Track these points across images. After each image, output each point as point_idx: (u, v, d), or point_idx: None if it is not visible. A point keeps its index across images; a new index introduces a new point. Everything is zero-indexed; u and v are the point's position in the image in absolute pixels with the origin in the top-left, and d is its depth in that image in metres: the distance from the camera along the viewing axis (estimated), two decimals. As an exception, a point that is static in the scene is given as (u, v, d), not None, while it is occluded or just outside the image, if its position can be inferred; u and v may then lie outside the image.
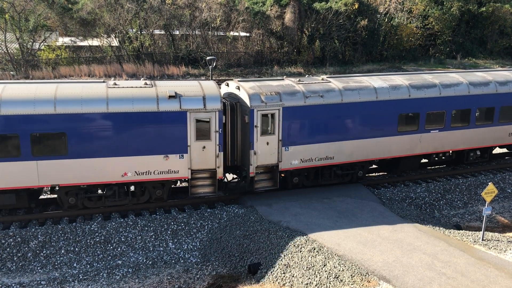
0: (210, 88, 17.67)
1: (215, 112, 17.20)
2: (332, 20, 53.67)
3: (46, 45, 47.76)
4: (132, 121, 16.39)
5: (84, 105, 15.99)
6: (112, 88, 16.76)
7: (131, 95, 16.57)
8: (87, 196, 17.17)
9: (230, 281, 15.16)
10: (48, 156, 15.87)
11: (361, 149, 19.75)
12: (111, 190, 17.21)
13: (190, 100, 17.04)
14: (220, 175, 17.89)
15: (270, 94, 18.04)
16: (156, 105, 16.61)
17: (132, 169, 16.76)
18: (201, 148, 17.30)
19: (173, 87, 17.40)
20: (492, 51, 66.21)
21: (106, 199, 17.38)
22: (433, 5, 61.45)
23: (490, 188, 15.99)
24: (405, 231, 15.79)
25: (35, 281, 14.85)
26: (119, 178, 16.75)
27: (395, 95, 19.99)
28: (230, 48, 54.94)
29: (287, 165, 18.67)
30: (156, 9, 49.65)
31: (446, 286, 12.34)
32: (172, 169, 17.16)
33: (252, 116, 17.70)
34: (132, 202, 17.72)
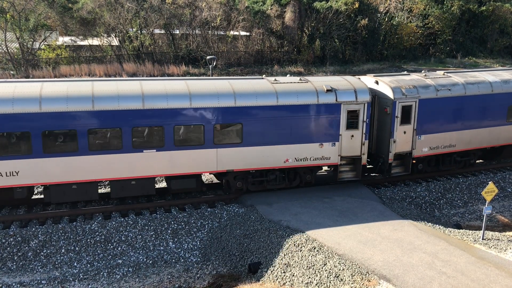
0: (358, 83, 19.74)
1: (364, 104, 19.13)
2: (332, 19, 53.62)
3: (46, 45, 47.72)
4: (296, 112, 18.42)
5: (258, 98, 17.99)
6: (275, 83, 18.81)
7: (295, 89, 18.60)
8: (253, 180, 18.99)
9: (230, 280, 15.16)
10: (226, 144, 17.92)
11: (476, 137, 21.88)
12: (273, 175, 19.11)
13: (344, 93, 18.97)
14: (364, 161, 19.87)
15: (409, 87, 20.03)
16: (316, 98, 18.59)
17: (293, 156, 18.76)
18: (349, 137, 19.27)
19: (325, 82, 19.48)
20: (493, 50, 66.15)
21: (268, 183, 19.28)
22: (433, 4, 61.38)
23: (490, 187, 15.99)
24: (405, 230, 15.79)
25: (36, 281, 14.86)
26: (282, 164, 18.79)
27: (506, 89, 22.12)
28: (230, 47, 54.89)
29: (419, 152, 20.72)
30: (156, 9, 49.62)
31: (447, 285, 12.34)
32: (325, 155, 19.18)
33: (394, 107, 19.60)
34: (287, 186, 19.60)
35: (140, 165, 17.06)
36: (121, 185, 17.32)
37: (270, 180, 19.15)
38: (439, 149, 21.13)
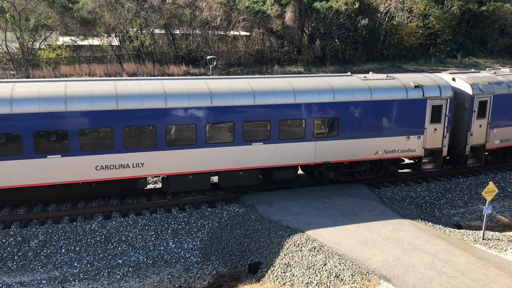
0: (441, 79, 20.95)
1: (447, 99, 20.40)
2: (333, 19, 53.64)
3: (47, 45, 47.76)
4: (387, 107, 19.60)
5: (354, 94, 19.17)
6: (367, 80, 19.91)
7: (386, 86, 19.77)
8: (345, 172, 20.20)
9: (230, 280, 15.16)
10: (324, 137, 19.17)
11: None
12: (364, 166, 20.30)
13: (430, 89, 20.23)
14: (445, 153, 21.11)
15: (485, 84, 21.47)
16: (405, 94, 19.79)
17: (382, 148, 20.00)
18: (433, 130, 20.55)
19: (409, 78, 20.72)
20: (493, 50, 66.17)
21: (358, 174, 20.49)
22: (434, 4, 61.40)
23: (491, 187, 15.98)
24: (406, 230, 15.79)
25: (36, 280, 14.86)
26: (372, 156, 20.02)
27: None
28: (230, 47, 54.92)
29: (491, 144, 22.37)
30: (157, 9, 49.64)
31: (447, 285, 12.34)
32: (410, 148, 20.42)
33: (472, 102, 21.04)
34: (373, 177, 20.93)
35: (248, 157, 18.35)
36: (230, 175, 18.54)
37: (360, 171, 20.43)
38: (508, 141, 23.00)
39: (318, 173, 20.07)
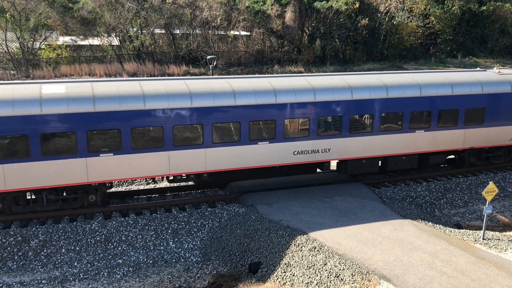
0: None
1: None
2: (333, 19, 53.64)
3: (47, 44, 47.77)
4: None
5: (498, 87, 21.59)
6: (503, 75, 22.24)
7: None
8: (485, 156, 22.69)
9: (230, 280, 15.16)
10: (471, 126, 21.36)
11: None
12: (500, 151, 22.77)
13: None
14: None
15: None
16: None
17: None
18: None
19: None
20: (493, 50, 66.14)
21: (494, 158, 22.97)
22: (434, 4, 61.38)
23: (491, 187, 15.98)
24: (406, 230, 15.78)
25: (36, 280, 14.86)
26: (507, 142, 22.45)
27: None
28: (230, 47, 54.90)
29: None
30: (157, 8, 49.64)
31: (447, 285, 12.34)
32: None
33: None
34: (505, 161, 23.41)
35: (411, 143, 20.55)
36: (395, 160, 20.78)
37: (497, 155, 23.03)
38: None
39: (460, 158, 22.47)
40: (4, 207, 16.68)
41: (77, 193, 17.09)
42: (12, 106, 15.27)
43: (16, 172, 15.59)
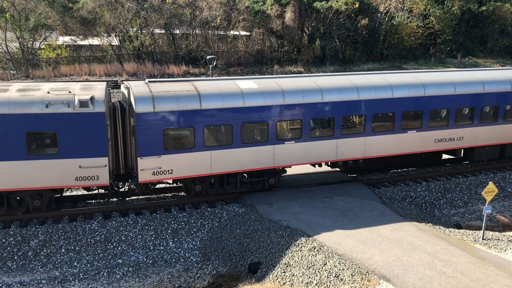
0: None
1: None
2: (333, 19, 53.64)
3: (47, 44, 47.75)
4: None
5: None
6: None
7: None
8: None
9: (230, 280, 15.16)
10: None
11: None
12: None
13: None
14: None
15: None
16: None
17: None
18: None
19: None
20: (493, 50, 66.17)
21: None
22: (434, 4, 61.39)
23: (491, 187, 15.98)
24: (405, 230, 15.79)
25: (36, 280, 14.86)
26: None
27: None
28: (230, 47, 54.90)
29: None
30: (157, 8, 49.63)
31: (447, 285, 12.34)
32: None
33: None
34: None
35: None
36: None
37: None
38: None
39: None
40: (202, 189, 18.39)
41: (263, 177, 19.05)
42: (222, 100, 17.49)
43: (220, 158, 17.76)
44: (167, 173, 17.16)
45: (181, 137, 17.27)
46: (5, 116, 15.21)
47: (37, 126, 15.54)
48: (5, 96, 15.45)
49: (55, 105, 15.56)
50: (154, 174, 16.93)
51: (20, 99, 15.47)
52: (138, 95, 16.53)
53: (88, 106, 15.80)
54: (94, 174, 16.26)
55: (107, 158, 16.28)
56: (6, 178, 15.64)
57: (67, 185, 16.46)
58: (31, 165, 15.69)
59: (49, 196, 16.93)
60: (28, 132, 15.43)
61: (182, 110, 16.90)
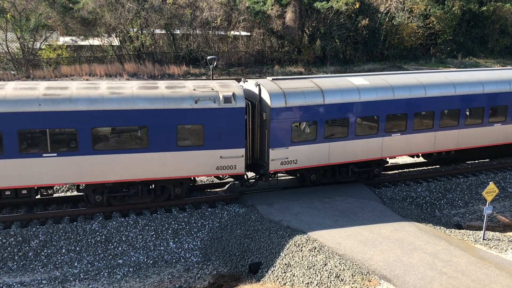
0: None
1: None
2: (333, 19, 53.64)
3: (47, 45, 47.76)
4: None
5: None
6: None
7: None
8: None
9: (231, 280, 15.16)
10: None
11: None
12: None
13: None
14: None
15: None
16: None
17: None
18: None
19: None
20: (493, 50, 66.15)
21: None
22: (434, 5, 61.38)
23: (491, 188, 15.98)
24: (406, 231, 15.78)
25: (36, 280, 14.87)
26: None
27: None
28: (231, 47, 54.93)
29: None
30: (157, 9, 49.65)
31: (447, 285, 12.34)
32: None
33: None
34: None
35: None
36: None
37: None
38: None
39: None
40: (316, 178, 19.78)
41: (370, 167, 20.41)
42: (341, 95, 18.93)
43: (337, 149, 19.20)
44: (292, 163, 18.63)
45: (305, 130, 18.74)
46: (159, 111, 16.60)
47: (187, 120, 17.02)
48: (158, 93, 16.81)
49: (203, 101, 16.99)
50: (282, 163, 18.44)
51: (172, 95, 16.84)
52: (272, 91, 17.93)
53: (231, 102, 17.29)
54: (232, 164, 17.81)
55: (244, 149, 17.82)
56: (158, 168, 17.01)
57: (209, 174, 18.00)
58: (179, 155, 17.11)
59: (188, 185, 18.30)
60: (178, 126, 16.82)
61: (308, 105, 18.37)
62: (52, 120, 15.70)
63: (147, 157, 16.77)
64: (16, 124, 15.45)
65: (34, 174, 15.92)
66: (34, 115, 15.53)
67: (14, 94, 15.66)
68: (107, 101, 16.18)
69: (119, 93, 16.51)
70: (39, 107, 15.55)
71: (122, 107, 16.21)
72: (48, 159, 15.91)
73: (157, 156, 16.88)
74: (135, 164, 16.71)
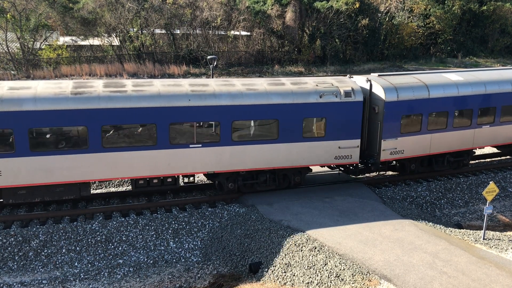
0: None
1: None
2: (333, 19, 53.60)
3: (47, 45, 47.72)
4: None
5: None
6: None
7: None
8: None
9: (231, 280, 15.16)
10: None
11: None
12: None
13: None
14: None
15: None
16: None
17: None
18: None
19: None
20: (493, 50, 66.11)
21: None
22: (435, 4, 61.35)
23: (491, 187, 15.97)
24: (406, 230, 15.78)
25: (37, 280, 14.87)
26: None
27: None
28: (231, 47, 54.89)
29: None
30: (157, 8, 49.62)
31: (447, 285, 12.34)
32: None
33: None
34: None
35: None
36: None
37: None
38: None
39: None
40: (415, 168, 21.18)
41: (462, 156, 21.98)
42: (443, 90, 20.36)
43: (437, 140, 20.56)
44: (399, 153, 20.04)
45: (411, 122, 20.05)
46: (288, 106, 18.17)
47: (311, 114, 18.60)
48: (287, 89, 18.46)
49: (326, 95, 18.56)
50: (391, 153, 19.87)
51: (299, 91, 18.46)
52: (385, 86, 19.33)
53: (350, 96, 18.82)
54: (348, 154, 19.35)
55: (359, 140, 19.37)
56: (285, 157, 18.54)
57: (328, 163, 19.50)
58: (304, 146, 18.72)
59: (306, 174, 19.83)
60: (304, 119, 18.48)
61: (416, 99, 19.73)
62: (199, 113, 17.20)
63: (277, 148, 18.38)
64: (168, 118, 16.86)
65: (181, 164, 17.37)
66: (183, 109, 16.99)
67: (166, 90, 17.09)
68: (245, 96, 17.71)
69: (255, 89, 18.07)
70: (188, 102, 16.98)
71: (258, 102, 17.82)
72: (194, 149, 17.41)
73: (285, 147, 18.47)
74: (266, 154, 18.31)
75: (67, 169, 16.18)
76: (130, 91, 16.67)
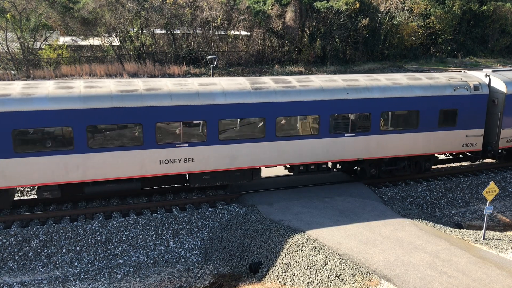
0: None
1: None
2: (333, 19, 53.63)
3: (47, 44, 47.77)
4: None
5: None
6: None
7: None
8: None
9: (231, 280, 15.16)
10: None
11: None
12: None
13: None
14: None
15: None
16: None
17: None
18: None
19: None
20: (493, 49, 66.13)
21: None
22: (435, 4, 61.37)
23: (491, 187, 15.97)
24: (406, 230, 15.78)
25: (37, 280, 14.87)
26: None
27: None
28: (231, 47, 54.91)
29: None
30: (157, 8, 49.65)
31: (447, 285, 12.34)
32: None
33: None
34: None
35: None
36: None
37: None
38: None
39: None
40: None
41: None
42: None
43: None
44: None
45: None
46: (428, 98, 20.00)
47: (447, 105, 20.47)
48: (426, 83, 20.34)
49: (460, 89, 20.50)
50: (507, 142, 22.02)
51: (435, 84, 20.38)
52: (507, 81, 21.33)
53: (479, 89, 20.82)
54: (474, 142, 21.38)
55: (483, 129, 21.34)
56: (423, 145, 20.49)
57: (456, 150, 21.51)
58: (439, 135, 20.69)
59: (434, 160, 21.94)
60: (440, 110, 20.34)
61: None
62: (355, 106, 19.01)
63: (417, 137, 20.24)
64: (329, 109, 18.76)
65: (338, 151, 19.33)
66: (342, 102, 18.86)
67: (327, 85, 18.93)
68: (393, 89, 19.62)
69: (399, 83, 19.97)
70: (347, 96, 18.91)
71: (402, 94, 19.66)
72: (348, 138, 19.37)
73: (424, 136, 20.34)
74: (406, 143, 20.12)
75: (246, 155, 18.04)
76: (298, 86, 18.64)
